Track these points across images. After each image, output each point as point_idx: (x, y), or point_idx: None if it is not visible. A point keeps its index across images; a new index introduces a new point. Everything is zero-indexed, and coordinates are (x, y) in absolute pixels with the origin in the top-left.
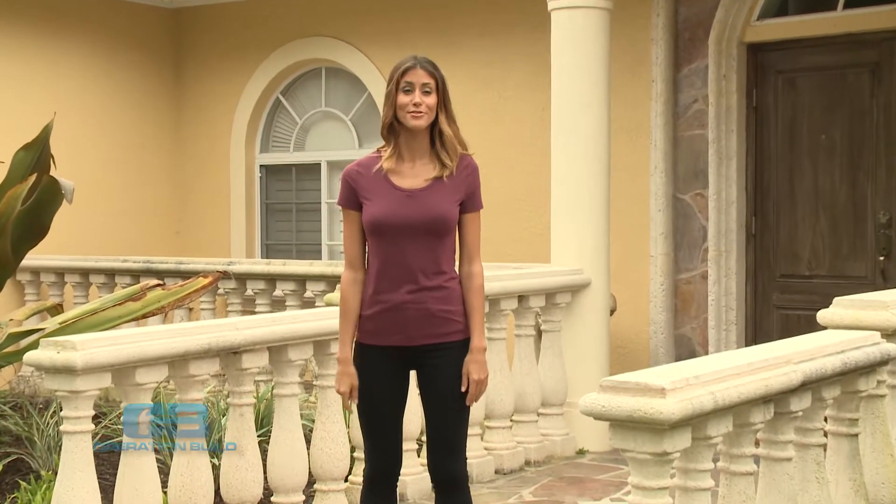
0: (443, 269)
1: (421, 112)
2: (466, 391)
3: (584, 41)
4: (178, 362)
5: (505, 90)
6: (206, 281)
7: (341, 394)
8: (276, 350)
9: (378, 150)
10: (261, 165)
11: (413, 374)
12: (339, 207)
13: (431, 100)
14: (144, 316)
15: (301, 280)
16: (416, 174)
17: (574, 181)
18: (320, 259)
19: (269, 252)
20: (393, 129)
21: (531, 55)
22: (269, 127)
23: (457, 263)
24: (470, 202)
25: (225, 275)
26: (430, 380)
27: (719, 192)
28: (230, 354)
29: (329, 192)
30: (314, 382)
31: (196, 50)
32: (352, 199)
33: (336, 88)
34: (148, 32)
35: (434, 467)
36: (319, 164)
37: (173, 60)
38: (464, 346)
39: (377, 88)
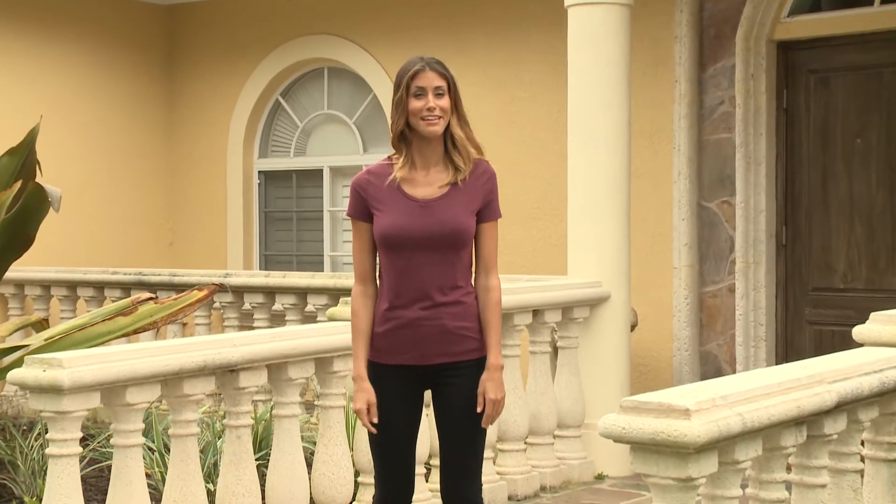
0: (459, 284)
1: (436, 117)
2: (483, 412)
3: (604, 39)
4: (171, 381)
5: (519, 91)
6: (202, 294)
7: (358, 412)
8: (276, 368)
9: (389, 158)
10: (259, 171)
11: (427, 394)
12: (348, 218)
13: (445, 102)
14: (136, 331)
15: (302, 293)
16: (430, 182)
17: (592, 188)
18: (322, 271)
19: (267, 264)
20: (404, 136)
21: (547, 54)
22: (268, 131)
23: (472, 276)
24: (487, 211)
25: (221, 288)
26: (445, 400)
27: (747, 199)
28: (227, 372)
29: (331, 199)
30: (316, 402)
31: (191, 49)
32: (362, 210)
33: (339, 90)
34: (140, 30)
35: (447, 492)
36: (321, 171)
37: (167, 60)
38: (481, 364)
39: (383, 89)
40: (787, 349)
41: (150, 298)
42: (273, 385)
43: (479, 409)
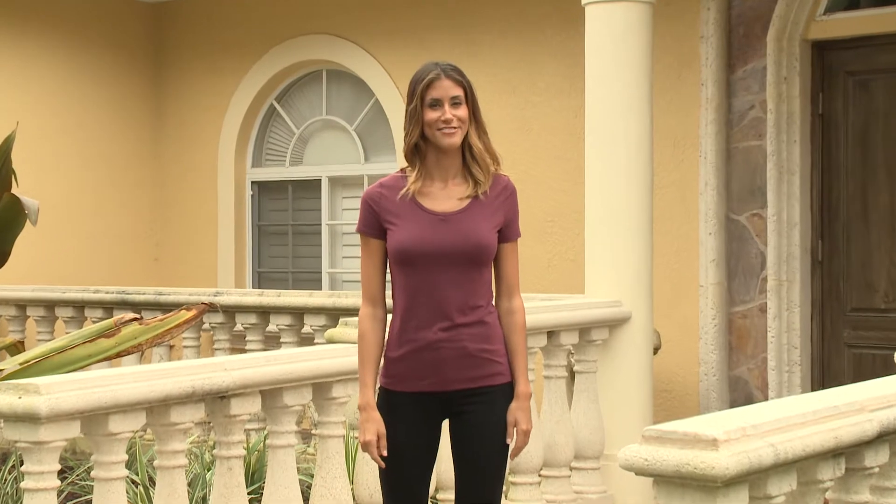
0: (479, 303)
1: (454, 128)
2: (505, 443)
3: (624, 39)
4: (157, 408)
5: (532, 95)
6: (190, 314)
7: (366, 444)
8: (270, 394)
9: (402, 171)
10: (252, 182)
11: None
12: (351, 233)
13: (463, 112)
14: (119, 355)
15: (298, 313)
16: (449, 195)
17: (612, 199)
18: (320, 289)
19: (261, 281)
20: (418, 148)
21: (562, 55)
22: (261, 138)
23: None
24: (508, 230)
25: (211, 307)
26: (466, 429)
27: (780, 211)
28: (217, 399)
29: (330, 212)
30: (313, 431)
31: (179, 49)
32: (373, 225)
33: (339, 94)
34: (124, 30)
35: None
36: (319, 181)
37: (153, 62)
38: (505, 390)
39: (385, 94)
40: (824, 374)
41: (135, 319)
42: (267, 412)
43: (508, 441)
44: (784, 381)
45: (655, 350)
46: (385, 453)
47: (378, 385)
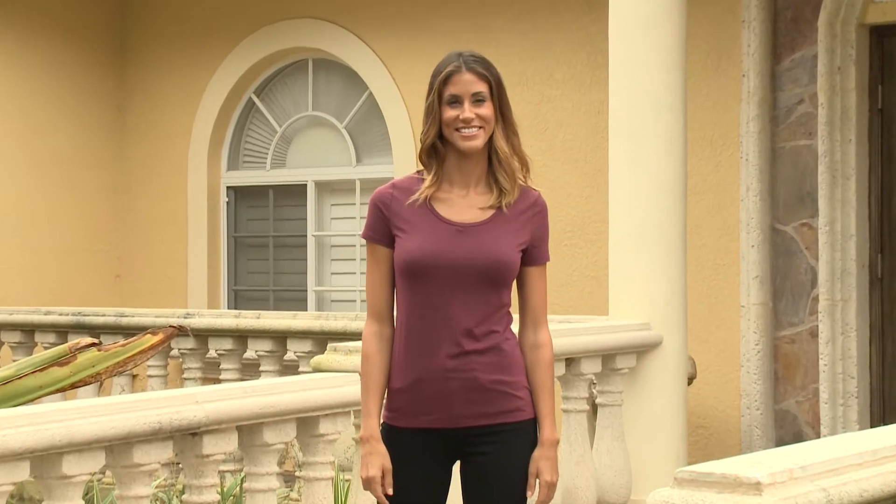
0: (495, 328)
1: (474, 130)
2: (524, 493)
3: (654, 24)
4: (118, 447)
5: (549, 89)
6: (156, 339)
7: (369, 480)
8: (248, 430)
9: (419, 172)
10: (228, 187)
11: (455, 466)
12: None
13: (486, 110)
14: (74, 385)
15: (280, 338)
16: (469, 204)
17: (640, 207)
18: (305, 310)
19: (238, 301)
20: (435, 150)
21: (582, 43)
22: (238, 137)
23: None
24: (536, 252)
25: (181, 331)
26: (479, 474)
27: (833, 221)
28: (187, 436)
29: (317, 221)
30: (297, 473)
31: (145, 37)
32: (382, 231)
33: (327, 86)
34: (81, 15)
35: None
36: (305, 186)
37: (115, 51)
38: (526, 429)
39: (380, 86)
40: (885, 408)
41: (92, 344)
42: (245, 452)
43: (529, 494)
44: (838, 415)
45: (690, 380)
46: (390, 492)
47: (381, 420)
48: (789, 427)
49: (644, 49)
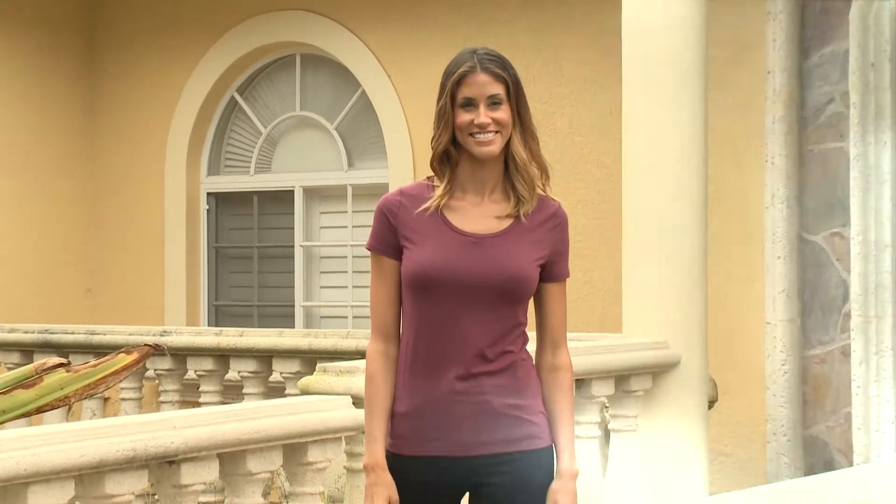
0: (509, 348)
1: (490, 135)
2: None
3: (672, 16)
4: (88, 476)
5: (557, 86)
6: (130, 359)
7: None
8: (231, 458)
9: (430, 179)
10: (209, 194)
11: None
12: (369, 252)
13: (503, 114)
14: (40, 410)
15: (265, 357)
16: (484, 213)
17: (656, 215)
18: (293, 327)
19: (219, 317)
20: (448, 156)
21: (594, 37)
22: (220, 139)
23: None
24: (556, 267)
25: (157, 350)
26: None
27: (866, 230)
28: (164, 465)
29: (306, 231)
30: None
31: (118, 32)
32: (388, 241)
33: (316, 84)
34: (50, 7)
35: None
36: (292, 192)
37: (86, 46)
38: (542, 458)
39: (374, 84)
40: None
41: (61, 365)
42: (226, 481)
43: None
44: (873, 442)
45: (711, 403)
46: None
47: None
48: (819, 455)
49: (661, 44)
